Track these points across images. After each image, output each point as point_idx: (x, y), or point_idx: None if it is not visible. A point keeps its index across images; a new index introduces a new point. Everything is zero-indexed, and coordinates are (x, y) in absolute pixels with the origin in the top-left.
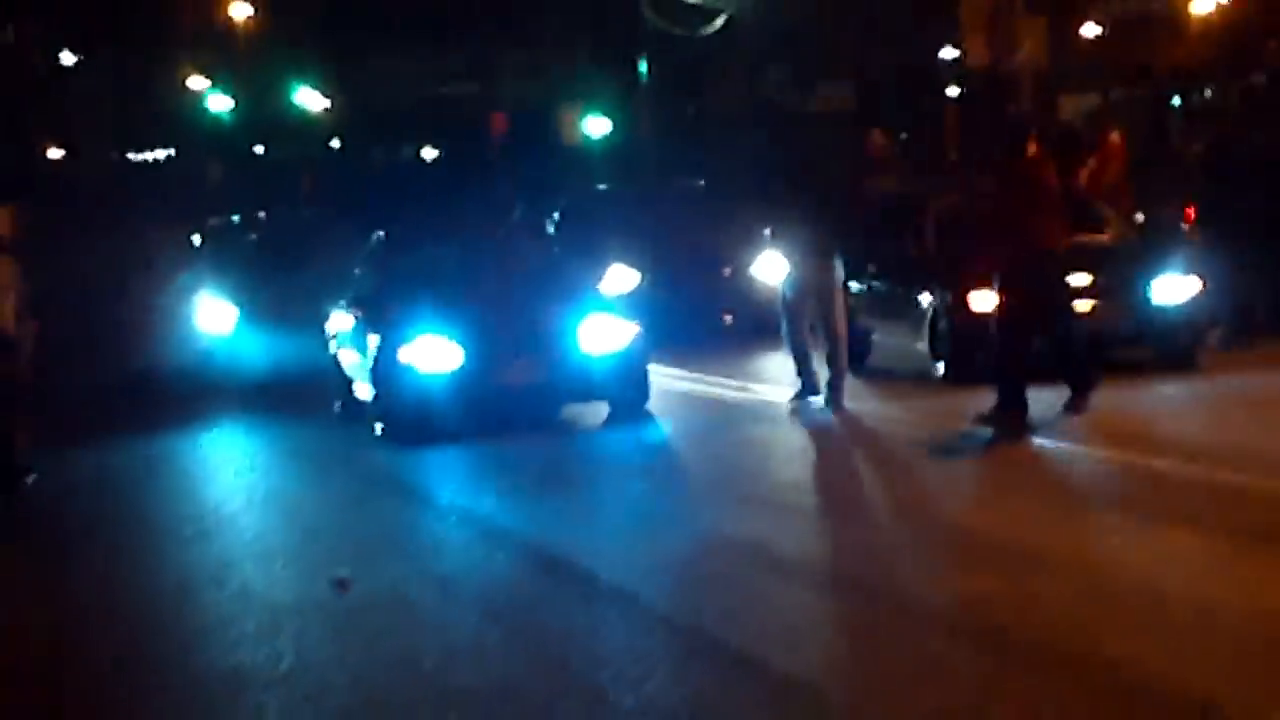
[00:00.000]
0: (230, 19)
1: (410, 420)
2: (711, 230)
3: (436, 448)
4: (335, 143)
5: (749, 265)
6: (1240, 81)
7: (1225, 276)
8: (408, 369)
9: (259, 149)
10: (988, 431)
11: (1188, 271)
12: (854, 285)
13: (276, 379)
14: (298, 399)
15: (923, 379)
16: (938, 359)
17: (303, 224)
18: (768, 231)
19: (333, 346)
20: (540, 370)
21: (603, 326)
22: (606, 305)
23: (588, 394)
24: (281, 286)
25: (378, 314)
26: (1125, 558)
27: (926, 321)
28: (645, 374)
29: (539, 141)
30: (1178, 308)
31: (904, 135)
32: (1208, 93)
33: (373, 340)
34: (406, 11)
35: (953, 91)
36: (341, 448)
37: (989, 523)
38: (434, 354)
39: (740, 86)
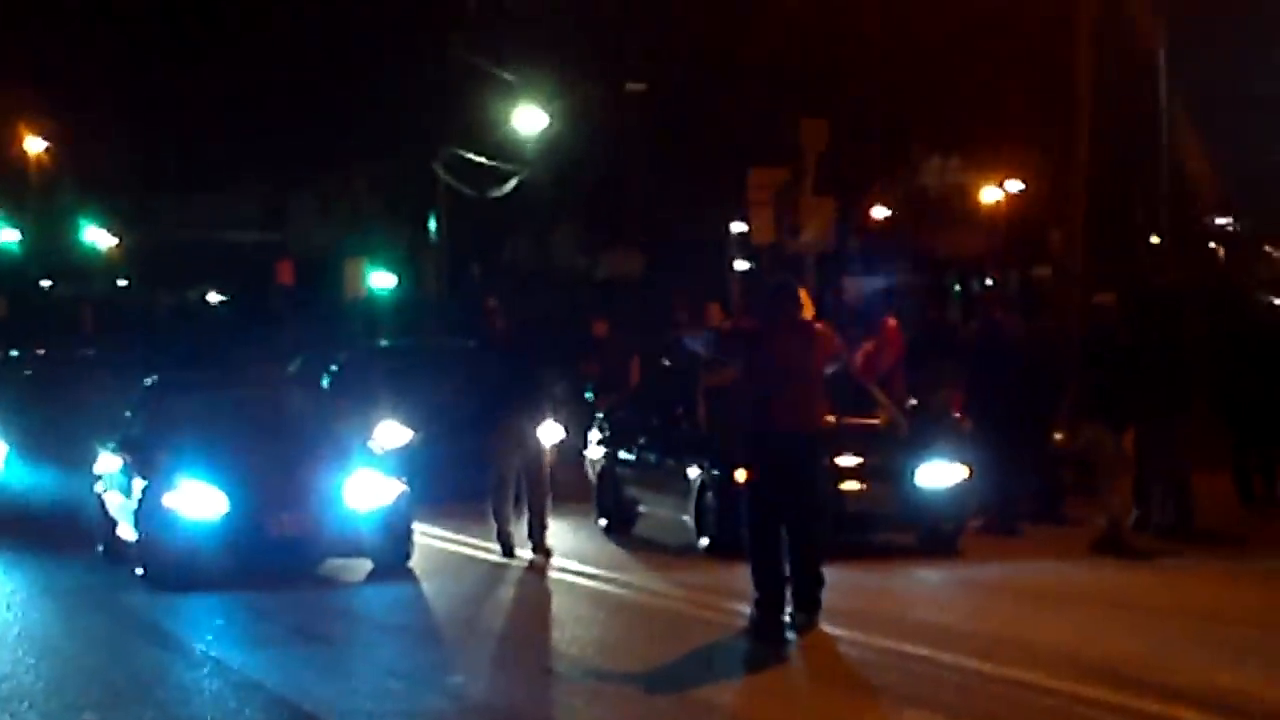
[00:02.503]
0: (24, 152)
1: (172, 565)
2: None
3: (196, 594)
4: (122, 282)
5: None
6: (1022, 271)
7: (992, 464)
8: (171, 514)
9: (46, 283)
10: (745, 609)
11: (954, 458)
12: (623, 455)
13: (42, 517)
14: (61, 537)
15: (687, 551)
16: (702, 533)
17: (80, 362)
18: None
19: (99, 487)
20: (304, 523)
21: (368, 483)
22: (373, 461)
23: (350, 549)
24: (54, 425)
25: (144, 457)
26: None
27: (693, 494)
28: (408, 532)
29: (323, 292)
30: (943, 493)
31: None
32: (989, 281)
33: (138, 484)
34: (198, 154)
35: (741, 265)
36: (101, 589)
37: (736, 704)
38: (198, 500)
39: (529, 249)
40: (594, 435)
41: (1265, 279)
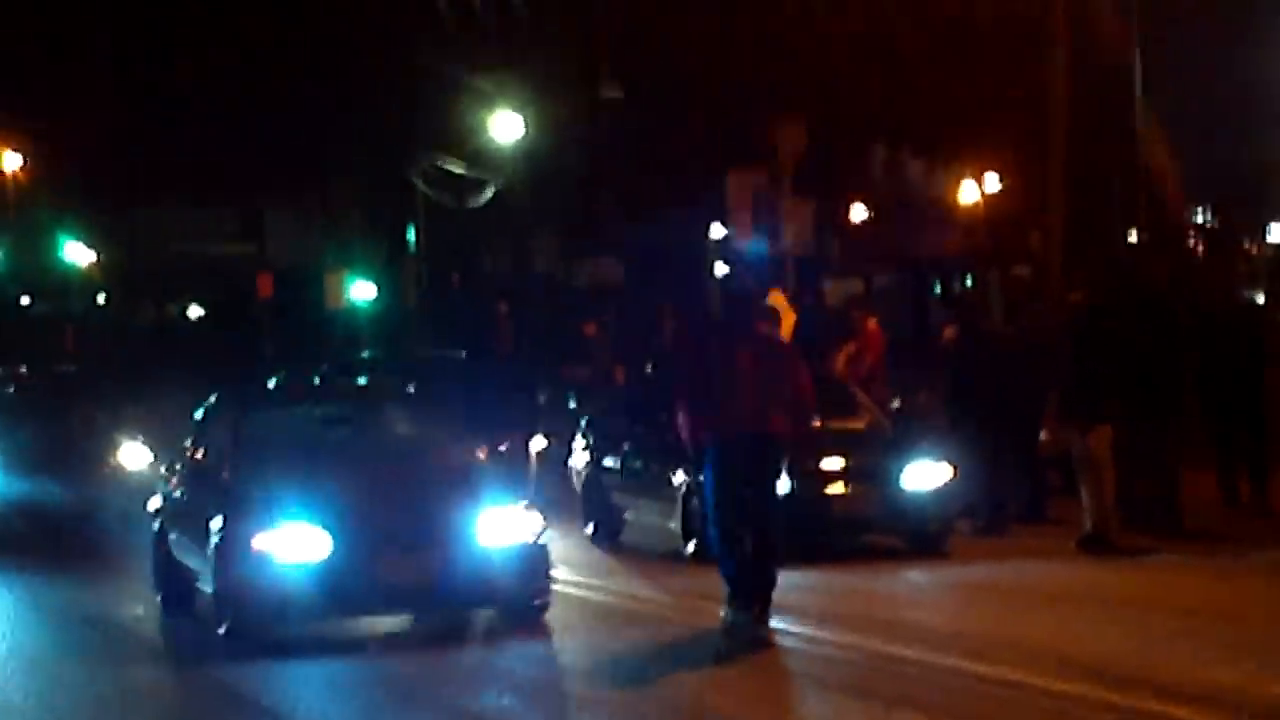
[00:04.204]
0: (0, 169)
1: (261, 621)
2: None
3: (292, 657)
4: (101, 298)
5: (529, 439)
6: (1002, 272)
7: (977, 464)
8: (263, 559)
9: (25, 300)
10: (729, 614)
11: (940, 458)
12: (608, 462)
13: (27, 533)
14: (47, 553)
15: (674, 558)
16: (688, 539)
17: (62, 379)
18: None
19: (158, 525)
20: (425, 566)
21: (504, 517)
22: (506, 490)
23: (479, 598)
24: (37, 440)
25: (223, 489)
26: None
27: (679, 500)
28: (547, 577)
29: (304, 304)
30: (928, 494)
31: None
32: (969, 281)
33: (217, 523)
34: (177, 170)
35: (721, 269)
36: (96, 607)
37: (730, 706)
38: (296, 542)
39: (508, 258)
40: (579, 443)
41: (1244, 274)
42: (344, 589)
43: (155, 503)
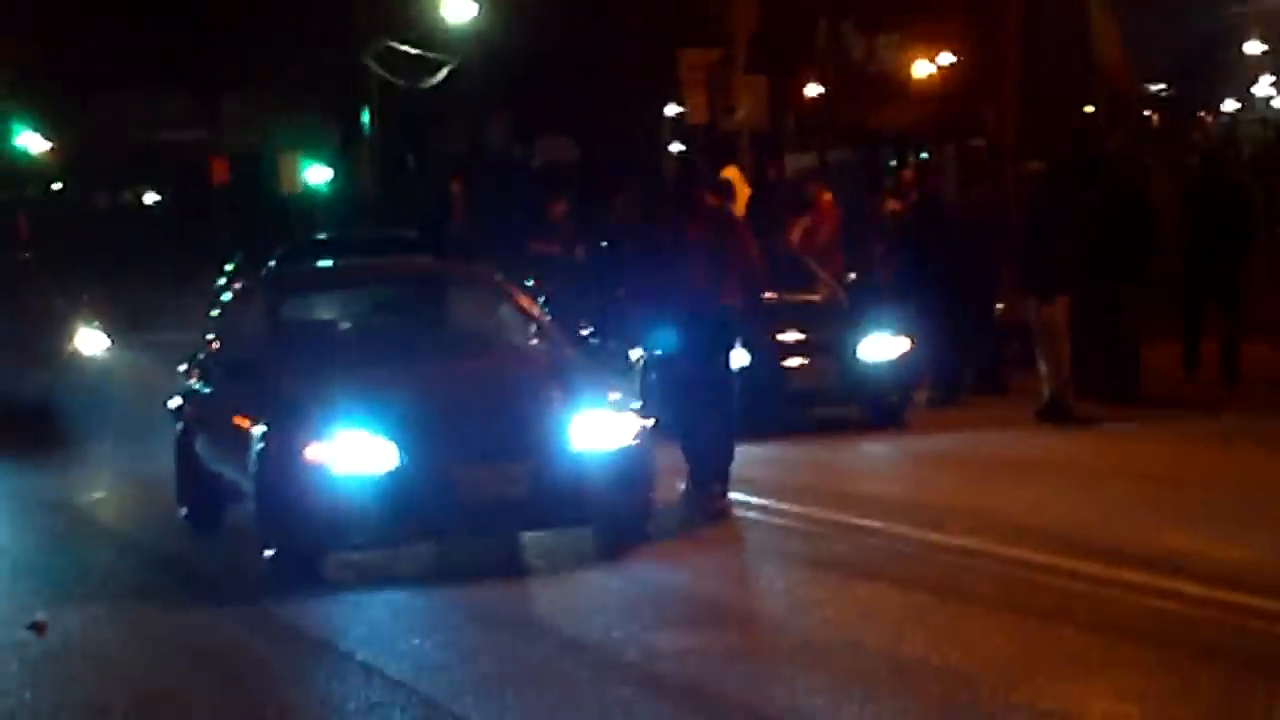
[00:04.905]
0: None
1: (316, 544)
2: None
3: (347, 586)
4: (57, 186)
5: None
6: (958, 145)
7: (934, 336)
8: (318, 471)
9: None
10: (689, 487)
11: (896, 331)
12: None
13: None
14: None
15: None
16: (647, 413)
17: (18, 266)
18: None
19: (181, 427)
20: (511, 480)
21: (602, 422)
22: (605, 390)
23: (573, 516)
24: None
25: (265, 389)
26: (826, 614)
27: (637, 376)
28: (650, 486)
29: (259, 189)
30: (886, 366)
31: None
32: (924, 155)
33: (259, 430)
34: (131, 57)
35: (675, 148)
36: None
37: (689, 579)
38: (356, 452)
39: (463, 138)
40: None
41: (1198, 145)
42: (414, 507)
43: (176, 402)
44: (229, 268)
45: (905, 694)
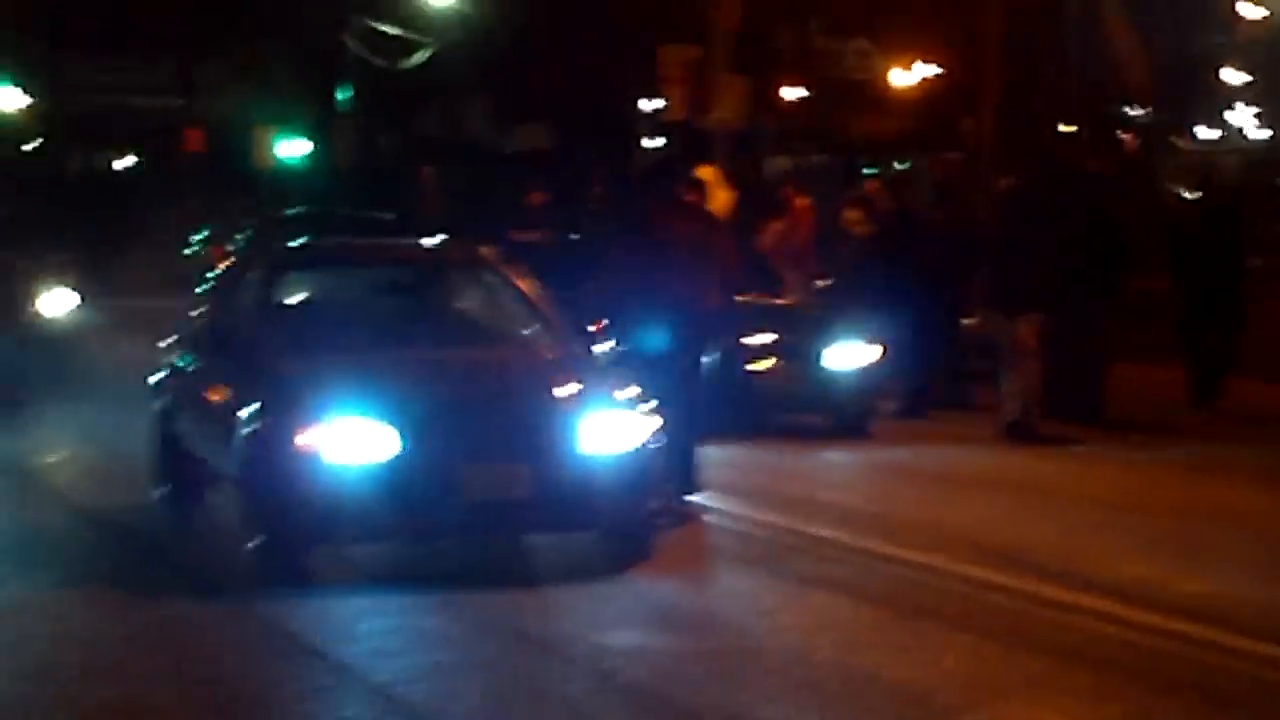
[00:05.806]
0: None
1: (307, 534)
2: None
3: (336, 584)
4: (31, 146)
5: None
6: (934, 156)
7: (902, 347)
8: (309, 460)
9: None
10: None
11: (866, 339)
12: None
13: None
14: None
15: None
16: None
17: None
18: None
19: (159, 405)
20: (516, 478)
21: (613, 423)
22: (614, 388)
23: (578, 520)
24: None
25: (252, 370)
26: (778, 621)
27: None
28: (648, 491)
29: (232, 161)
30: (852, 374)
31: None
32: (904, 164)
33: (246, 412)
34: (107, 17)
35: (649, 142)
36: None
37: (645, 582)
38: (352, 439)
39: (438, 121)
40: None
41: (1172, 170)
42: (414, 501)
43: (157, 377)
44: (198, 238)
45: (855, 707)
